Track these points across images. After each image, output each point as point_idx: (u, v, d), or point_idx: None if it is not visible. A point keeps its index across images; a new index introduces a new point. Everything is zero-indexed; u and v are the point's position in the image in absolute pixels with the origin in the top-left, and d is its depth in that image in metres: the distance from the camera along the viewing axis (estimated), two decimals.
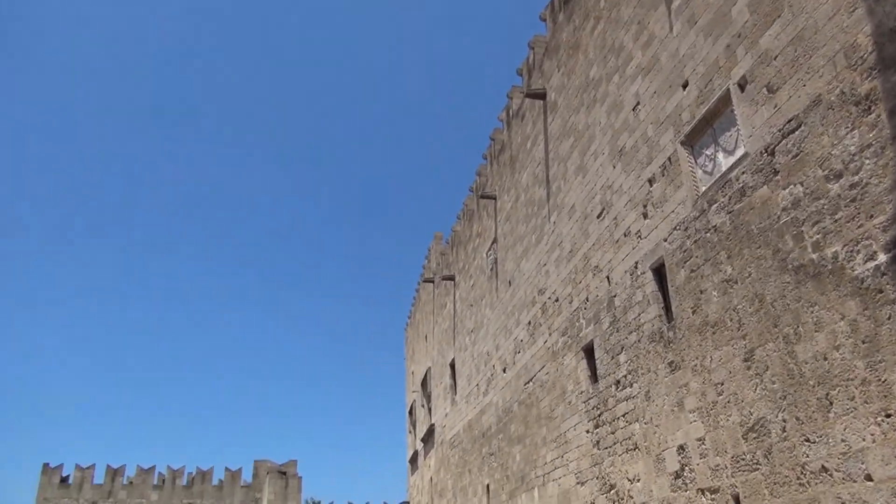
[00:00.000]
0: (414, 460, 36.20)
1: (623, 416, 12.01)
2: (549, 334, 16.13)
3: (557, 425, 15.16)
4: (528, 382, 17.44)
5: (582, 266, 14.42)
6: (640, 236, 11.93)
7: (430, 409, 32.07)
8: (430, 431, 30.37)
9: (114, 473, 41.17)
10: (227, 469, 43.19)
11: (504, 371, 19.84)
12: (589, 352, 13.88)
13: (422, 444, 33.06)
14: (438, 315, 30.10)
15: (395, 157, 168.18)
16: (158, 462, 42.80)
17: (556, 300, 15.80)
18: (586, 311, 14.03)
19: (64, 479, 40.37)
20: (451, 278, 27.21)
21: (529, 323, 17.68)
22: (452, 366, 26.72)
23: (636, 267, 11.95)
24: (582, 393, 13.95)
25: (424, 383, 32.80)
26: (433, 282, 31.68)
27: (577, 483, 13.84)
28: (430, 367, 31.62)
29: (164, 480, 42.02)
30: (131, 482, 41.35)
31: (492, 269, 21.75)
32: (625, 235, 12.51)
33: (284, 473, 38.63)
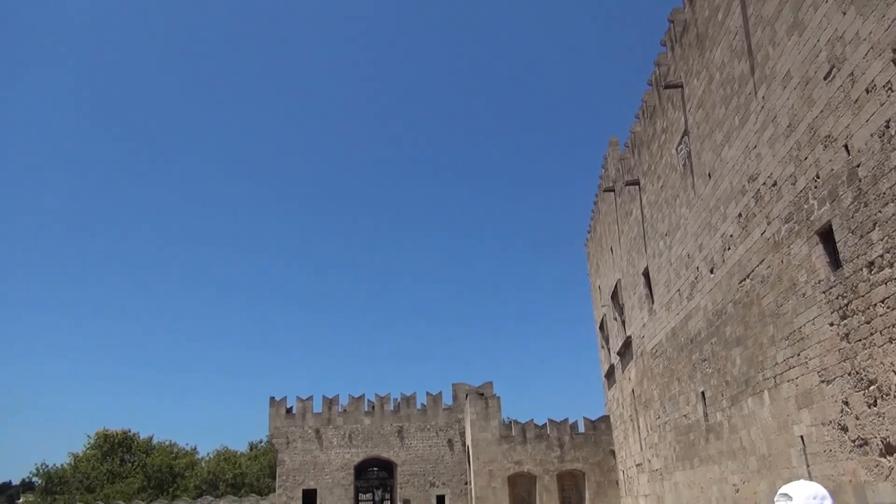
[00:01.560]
0: (610, 374, 35.66)
1: (882, 301, 10.36)
2: (768, 223, 14.43)
3: (788, 321, 13.66)
4: (745, 280, 15.91)
5: (807, 140, 12.53)
6: (890, 88, 9.95)
7: (623, 322, 31.11)
8: (627, 344, 29.49)
9: (329, 403, 45.01)
10: (428, 394, 45.57)
11: (711, 272, 18.34)
12: (825, 235, 12.16)
13: (618, 358, 32.33)
14: (623, 224, 28.67)
15: (563, 65, 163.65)
16: (367, 391, 46.17)
17: (774, 184, 14.01)
18: (817, 190, 12.23)
19: (289, 410, 44.85)
20: (636, 183, 25.58)
21: (740, 215, 15.99)
22: (646, 274, 25.42)
23: (888, 126, 10.02)
24: (820, 282, 12.32)
25: (615, 296, 31.77)
26: (614, 190, 30.13)
27: (822, 381, 12.41)
28: (619, 279, 30.48)
29: (373, 407, 45.27)
30: (345, 410, 45.01)
31: (685, 165, 19.98)
32: (867, 92, 10.53)
33: (483, 395, 39.87)
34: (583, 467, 37.41)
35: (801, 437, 13.44)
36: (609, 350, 35.68)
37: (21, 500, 65.19)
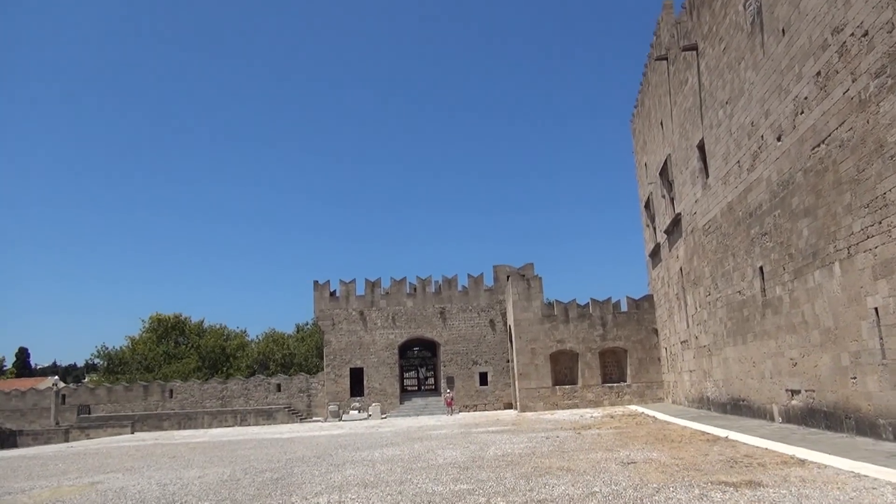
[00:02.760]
0: (655, 254, 35.04)
1: None
2: (853, 80, 13.08)
3: (870, 187, 12.63)
4: (819, 145, 14.72)
5: None
6: None
7: (672, 200, 30.08)
8: (676, 222, 28.61)
9: (372, 286, 45.62)
10: (469, 276, 45.78)
11: (778, 139, 17.09)
12: None
13: (665, 237, 31.56)
14: (677, 94, 26.97)
15: None
16: (409, 274, 46.53)
17: (865, 34, 12.54)
18: None
19: (332, 294, 45.66)
20: (693, 48, 23.71)
21: (818, 74, 14.57)
22: (701, 147, 24.10)
23: None
24: None
25: (664, 172, 30.54)
26: (667, 59, 28.17)
27: None
28: (669, 155, 29.14)
29: (415, 289, 45.78)
30: (387, 292, 45.63)
31: (753, 22, 18.22)
32: None
33: (524, 276, 39.82)
34: (625, 345, 37.68)
35: (876, 308, 12.77)
36: (655, 229, 34.86)
37: (86, 380, 69.48)
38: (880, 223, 12.34)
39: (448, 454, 15.70)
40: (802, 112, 15.53)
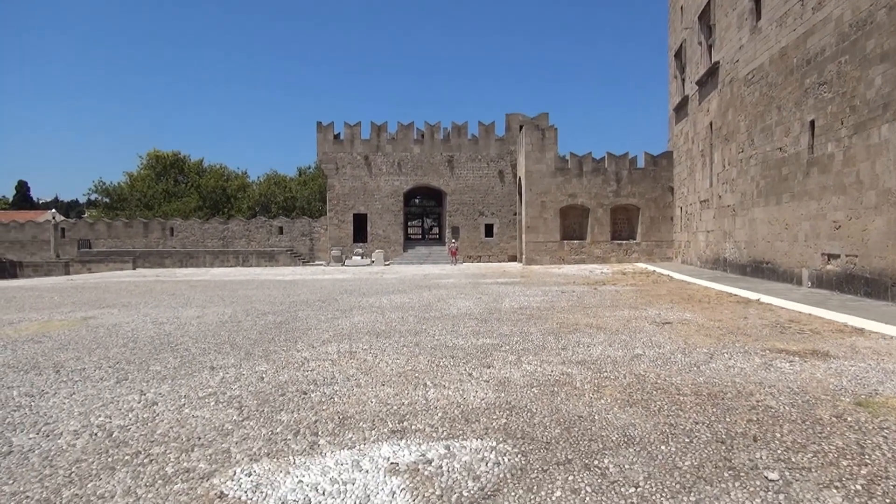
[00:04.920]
0: (681, 107, 32.82)
1: None
2: None
3: None
4: None
5: None
6: None
7: (710, 47, 27.48)
8: (712, 71, 26.25)
9: (378, 130, 43.58)
10: (480, 123, 43.61)
11: None
12: None
13: (695, 89, 29.26)
14: None
15: None
16: (416, 119, 44.33)
17: None
18: None
19: (336, 136, 43.72)
20: None
21: None
22: None
23: None
24: None
25: (704, 15, 27.66)
26: None
27: None
28: None
29: (422, 135, 43.80)
30: (394, 137, 43.69)
31: None
32: None
33: (538, 126, 37.75)
34: (638, 202, 36.45)
35: None
36: (684, 81, 32.39)
37: (86, 215, 69.06)
38: None
39: (461, 304, 14.84)
40: None
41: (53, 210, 58.87)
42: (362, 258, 42.97)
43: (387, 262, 42.13)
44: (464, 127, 43.60)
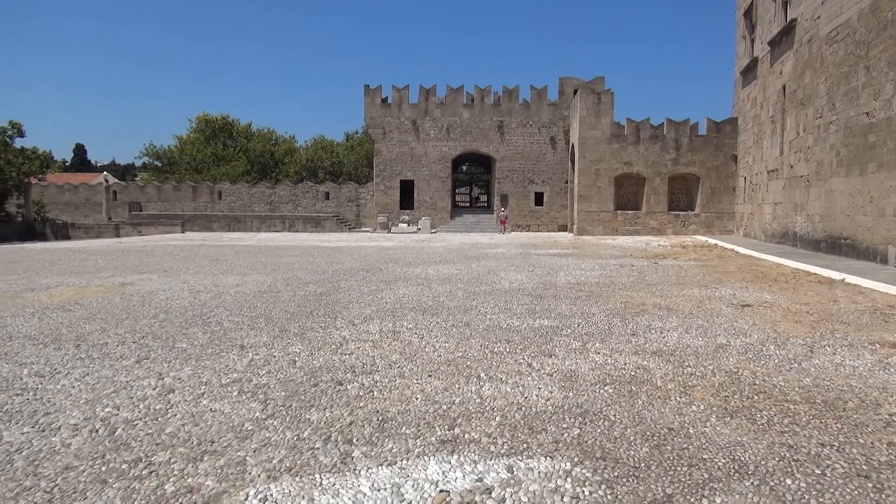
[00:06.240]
0: (749, 70, 30.70)
1: None
2: None
3: None
4: None
5: None
6: None
7: (786, 3, 25.38)
8: (788, 29, 24.23)
9: (427, 93, 42.41)
10: (532, 87, 42.02)
11: None
12: None
13: (767, 49, 27.20)
14: None
15: None
16: (466, 82, 43.02)
17: None
18: None
19: (384, 100, 42.75)
20: None
21: None
22: None
23: None
24: None
25: None
26: None
27: None
28: None
29: (472, 100, 42.47)
30: (443, 102, 42.48)
31: None
32: None
33: (594, 90, 36.01)
34: (698, 171, 34.61)
35: None
36: (753, 41, 30.23)
37: (138, 178, 70.13)
38: None
39: (513, 277, 13.89)
40: None
41: (106, 172, 59.73)
42: (408, 225, 42.24)
43: (433, 230, 41.31)
44: (515, 91, 42.06)
